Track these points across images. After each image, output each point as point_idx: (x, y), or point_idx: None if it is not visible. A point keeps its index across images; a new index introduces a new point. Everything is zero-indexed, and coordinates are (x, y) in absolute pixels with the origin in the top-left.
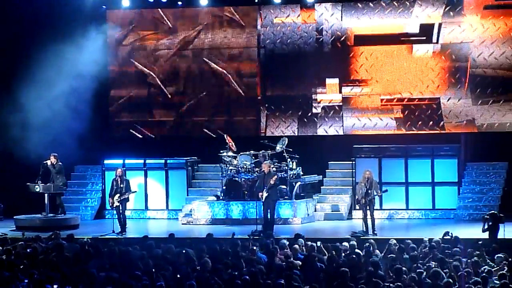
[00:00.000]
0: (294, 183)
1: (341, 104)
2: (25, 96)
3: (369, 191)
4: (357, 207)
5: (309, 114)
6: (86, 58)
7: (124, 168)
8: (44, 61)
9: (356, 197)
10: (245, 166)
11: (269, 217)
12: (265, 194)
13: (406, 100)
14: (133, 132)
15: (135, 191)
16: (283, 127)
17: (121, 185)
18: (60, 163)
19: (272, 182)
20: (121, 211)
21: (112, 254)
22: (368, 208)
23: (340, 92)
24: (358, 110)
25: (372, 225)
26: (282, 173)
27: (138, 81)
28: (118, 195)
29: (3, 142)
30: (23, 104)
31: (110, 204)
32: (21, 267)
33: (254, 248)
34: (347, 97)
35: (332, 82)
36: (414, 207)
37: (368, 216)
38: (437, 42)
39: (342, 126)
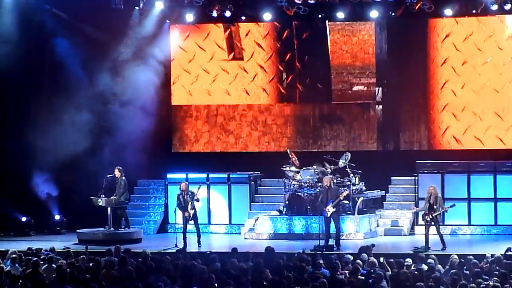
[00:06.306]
0: (356, 198)
1: None
2: (90, 107)
3: (434, 207)
4: (420, 222)
5: None
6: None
7: (187, 182)
8: (111, 72)
9: (421, 212)
10: (308, 181)
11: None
12: (331, 209)
13: None
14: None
15: (198, 199)
16: None
17: (187, 199)
18: (123, 178)
19: (341, 197)
20: (194, 224)
21: (175, 268)
22: (433, 224)
23: None
24: None
25: (441, 241)
26: (344, 188)
27: None
28: (191, 207)
29: (66, 155)
30: (87, 116)
31: (187, 216)
32: (83, 280)
33: (320, 262)
34: None
35: None
36: (476, 223)
37: (434, 232)
38: None
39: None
